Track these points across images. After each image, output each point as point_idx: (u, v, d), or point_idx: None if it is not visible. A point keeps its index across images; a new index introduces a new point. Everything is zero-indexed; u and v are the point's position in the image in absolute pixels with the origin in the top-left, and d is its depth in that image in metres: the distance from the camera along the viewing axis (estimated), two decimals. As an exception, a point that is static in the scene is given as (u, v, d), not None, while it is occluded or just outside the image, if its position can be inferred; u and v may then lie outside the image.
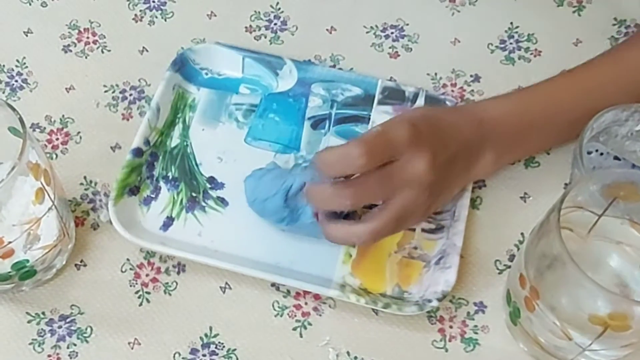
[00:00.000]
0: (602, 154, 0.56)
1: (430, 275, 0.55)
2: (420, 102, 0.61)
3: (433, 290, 0.53)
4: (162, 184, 0.59)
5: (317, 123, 0.62)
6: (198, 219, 0.57)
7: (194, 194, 0.59)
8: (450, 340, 0.54)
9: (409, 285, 0.55)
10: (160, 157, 0.60)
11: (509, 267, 0.56)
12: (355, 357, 0.53)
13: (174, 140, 0.61)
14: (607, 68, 0.58)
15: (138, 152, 0.58)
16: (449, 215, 0.57)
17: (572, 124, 0.56)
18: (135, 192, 0.58)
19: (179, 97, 0.62)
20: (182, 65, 0.62)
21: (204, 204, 0.58)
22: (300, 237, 0.56)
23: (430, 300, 0.52)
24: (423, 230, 0.57)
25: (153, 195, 0.58)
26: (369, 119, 0.61)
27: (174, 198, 0.58)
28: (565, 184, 0.59)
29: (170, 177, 0.59)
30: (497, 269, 0.56)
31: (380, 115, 0.61)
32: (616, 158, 0.56)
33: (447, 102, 0.61)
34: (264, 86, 0.63)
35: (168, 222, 0.57)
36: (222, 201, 0.58)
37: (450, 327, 0.54)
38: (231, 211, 0.58)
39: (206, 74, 0.63)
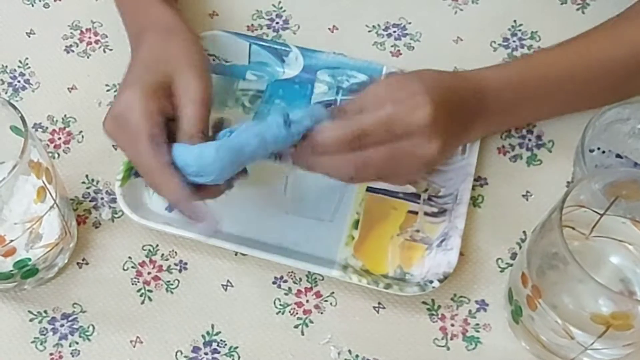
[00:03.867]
0: (604, 152, 0.56)
1: (432, 257, 0.55)
2: None
3: (435, 272, 0.53)
4: None
5: None
6: (203, 200, 0.58)
7: None
8: (452, 339, 0.54)
9: (410, 267, 0.55)
10: None
11: (511, 265, 0.56)
12: (357, 356, 0.53)
13: None
14: (604, 40, 0.57)
15: None
16: (451, 199, 0.57)
17: (568, 96, 0.56)
18: None
19: None
20: None
21: None
22: (303, 219, 0.57)
23: (431, 282, 0.53)
24: (426, 213, 0.57)
25: None
26: None
27: None
28: (567, 182, 0.59)
29: None
30: (499, 267, 0.56)
31: None
32: (618, 156, 0.56)
33: None
34: (270, 73, 0.63)
35: None
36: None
37: (452, 325, 0.54)
38: (235, 192, 0.58)
39: (213, 59, 0.64)
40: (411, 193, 0.58)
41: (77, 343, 0.54)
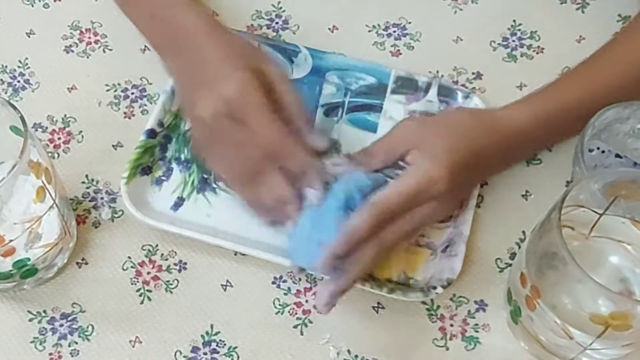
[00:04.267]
0: (603, 151, 0.56)
1: (436, 263, 0.55)
2: (433, 91, 0.62)
3: (438, 278, 0.53)
4: (174, 165, 0.60)
5: (330, 110, 0.62)
6: (208, 200, 0.58)
7: (205, 176, 0.59)
8: (451, 339, 0.54)
9: (414, 272, 0.55)
10: (174, 139, 0.60)
11: (510, 265, 0.56)
12: (356, 356, 0.53)
13: (188, 124, 0.61)
14: (611, 62, 0.58)
15: (152, 134, 0.59)
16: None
17: (582, 122, 0.56)
18: (148, 172, 0.59)
19: None
20: None
21: (214, 185, 0.59)
22: None
23: (435, 287, 0.53)
24: None
25: (165, 177, 0.59)
26: (382, 107, 0.62)
27: (185, 179, 0.59)
28: (567, 182, 0.59)
29: (183, 159, 0.60)
30: (498, 267, 0.56)
31: (393, 104, 0.62)
32: (617, 156, 0.56)
33: (459, 92, 0.61)
34: None
35: (179, 202, 0.58)
36: None
37: (451, 325, 0.54)
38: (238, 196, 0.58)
39: None
40: None
41: (76, 343, 0.54)
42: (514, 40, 0.66)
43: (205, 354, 0.53)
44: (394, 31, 0.67)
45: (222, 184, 0.59)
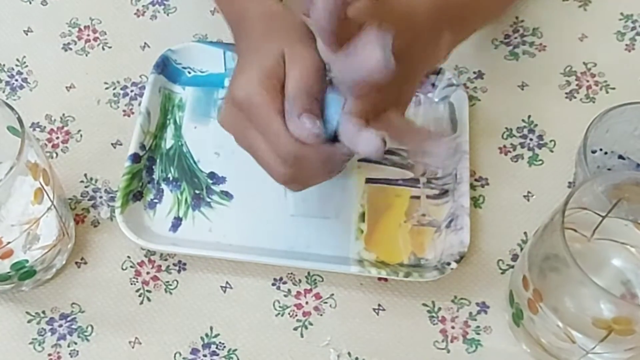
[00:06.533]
0: (606, 152, 0.56)
1: (443, 239, 0.55)
2: None
3: (449, 253, 0.54)
4: (163, 186, 0.59)
5: None
6: (206, 215, 0.58)
7: (197, 191, 0.59)
8: (452, 341, 0.54)
9: (424, 252, 0.55)
10: (158, 160, 0.60)
11: (512, 267, 0.56)
12: (357, 358, 0.53)
13: (168, 142, 0.61)
14: None
15: (136, 158, 0.58)
16: (451, 179, 0.57)
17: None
18: (139, 197, 0.58)
19: (166, 98, 0.62)
20: (165, 67, 0.62)
21: (208, 199, 0.58)
22: (309, 220, 0.57)
23: (449, 263, 0.53)
24: (428, 197, 0.58)
25: (157, 199, 0.58)
26: None
27: (177, 198, 0.58)
28: (569, 183, 0.58)
29: (171, 178, 0.59)
30: (500, 269, 0.56)
31: None
32: (620, 157, 0.56)
33: None
34: None
35: (177, 223, 0.57)
36: (227, 194, 0.58)
37: (452, 327, 0.54)
38: (237, 203, 0.58)
39: (189, 72, 0.63)
40: (410, 178, 0.58)
41: (75, 343, 0.54)
42: (516, 38, 0.65)
43: (204, 356, 0.53)
44: (395, 28, 0.66)
45: (216, 197, 0.58)
